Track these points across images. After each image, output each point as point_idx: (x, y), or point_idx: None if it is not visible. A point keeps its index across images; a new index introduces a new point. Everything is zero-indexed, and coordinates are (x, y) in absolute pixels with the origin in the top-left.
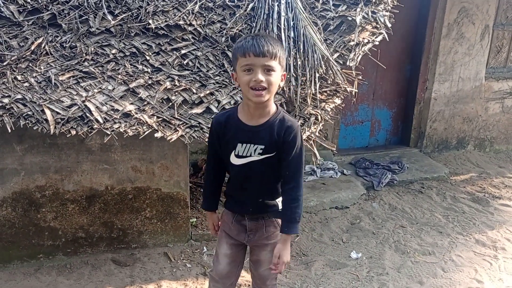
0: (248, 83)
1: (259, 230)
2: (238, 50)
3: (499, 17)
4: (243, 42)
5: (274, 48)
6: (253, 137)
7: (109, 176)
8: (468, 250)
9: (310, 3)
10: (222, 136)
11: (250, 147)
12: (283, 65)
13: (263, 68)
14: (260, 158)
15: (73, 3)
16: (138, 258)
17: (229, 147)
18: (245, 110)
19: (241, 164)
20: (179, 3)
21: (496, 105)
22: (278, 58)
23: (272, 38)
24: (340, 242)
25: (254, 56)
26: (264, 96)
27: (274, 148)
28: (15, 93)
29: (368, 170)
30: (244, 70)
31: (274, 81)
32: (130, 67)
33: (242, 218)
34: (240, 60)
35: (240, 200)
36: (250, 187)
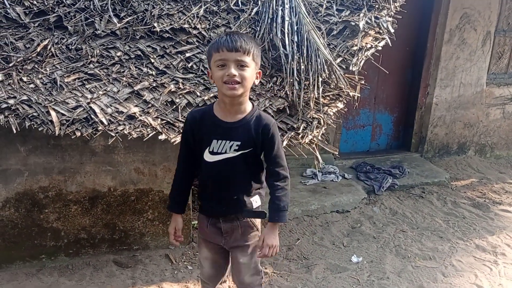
0: (221, 78)
1: (235, 232)
2: (212, 47)
3: (501, 23)
4: (218, 39)
5: (248, 44)
6: (229, 134)
7: (112, 177)
8: (468, 255)
9: (314, 8)
10: (196, 132)
11: (225, 144)
12: (258, 62)
13: (236, 63)
14: (235, 155)
15: (79, 6)
16: (139, 259)
17: (203, 144)
18: (221, 107)
19: (214, 161)
20: (184, 7)
21: (497, 111)
22: (252, 54)
23: (247, 36)
24: (341, 246)
25: (227, 51)
26: (237, 90)
27: (251, 144)
28: (21, 94)
29: (369, 174)
30: (218, 66)
31: (248, 76)
32: (135, 70)
33: (217, 220)
34: (214, 56)
35: (214, 200)
36: (224, 184)
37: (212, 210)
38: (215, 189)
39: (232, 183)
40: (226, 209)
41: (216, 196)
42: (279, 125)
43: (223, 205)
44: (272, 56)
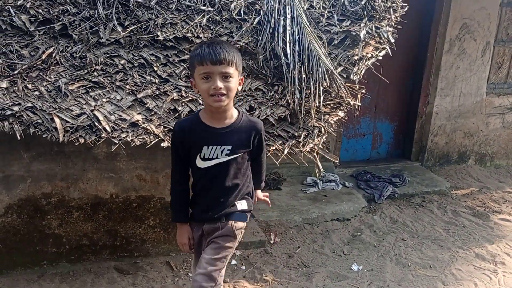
0: (207, 91)
1: (213, 231)
2: (195, 59)
3: (500, 34)
4: (199, 51)
5: (231, 55)
6: (220, 139)
7: (114, 184)
8: (468, 264)
9: (315, 17)
10: (186, 141)
11: (216, 149)
12: (240, 70)
13: (221, 75)
14: (227, 159)
15: (84, 15)
16: (140, 266)
17: (194, 151)
18: (208, 114)
19: (206, 167)
20: (187, 16)
21: (497, 120)
22: (235, 64)
23: (228, 45)
24: (341, 254)
25: (212, 64)
26: (223, 101)
27: (242, 147)
28: (25, 101)
29: (370, 182)
30: (203, 78)
31: (233, 87)
32: (138, 78)
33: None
34: (197, 68)
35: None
36: (215, 187)
37: (199, 216)
38: (204, 193)
39: (221, 187)
40: (210, 213)
41: (204, 201)
42: (280, 134)
43: (209, 209)
44: (273, 65)
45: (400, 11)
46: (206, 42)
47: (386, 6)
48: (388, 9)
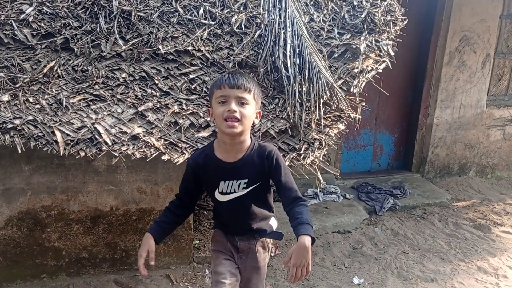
0: (222, 114)
1: (250, 252)
2: (214, 85)
3: (500, 46)
4: (220, 77)
5: (249, 83)
6: (235, 174)
7: (114, 197)
8: (470, 277)
9: (316, 31)
10: (202, 176)
11: (233, 184)
12: (258, 102)
13: (237, 99)
14: (245, 192)
15: (86, 28)
16: (140, 280)
17: (211, 186)
18: (222, 147)
19: (226, 201)
20: (189, 30)
21: (498, 132)
22: (253, 93)
23: (249, 76)
24: (342, 267)
25: (229, 88)
26: (237, 128)
27: (258, 178)
28: (27, 114)
29: (370, 194)
30: (219, 102)
31: (248, 114)
32: (139, 91)
33: (232, 238)
34: (215, 93)
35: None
36: (240, 218)
37: (228, 229)
38: (231, 223)
39: (246, 218)
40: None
41: (232, 225)
42: (281, 146)
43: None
44: (274, 78)
45: (400, 24)
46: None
47: (386, 20)
48: (388, 23)
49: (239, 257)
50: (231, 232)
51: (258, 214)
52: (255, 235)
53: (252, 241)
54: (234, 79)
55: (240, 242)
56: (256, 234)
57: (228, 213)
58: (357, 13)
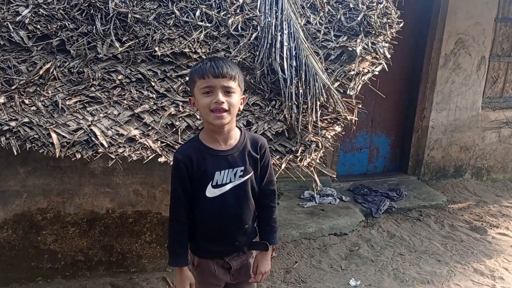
0: (208, 106)
1: (243, 267)
2: (196, 73)
3: (495, 48)
4: (201, 65)
5: (233, 70)
6: (230, 161)
7: (110, 199)
8: (467, 279)
9: (312, 33)
10: (194, 171)
11: (229, 173)
12: (242, 87)
13: (223, 89)
14: (242, 181)
15: (82, 30)
16: (136, 282)
17: (204, 180)
18: (211, 136)
19: (220, 194)
20: (185, 32)
21: (493, 135)
22: (237, 79)
23: (230, 61)
24: (339, 269)
25: (214, 77)
26: (225, 118)
27: (253, 166)
28: (22, 116)
29: (367, 197)
30: (204, 93)
31: (235, 103)
32: (135, 93)
33: (222, 261)
34: (198, 83)
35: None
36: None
37: (218, 251)
38: (224, 224)
39: (241, 212)
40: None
41: (225, 233)
42: (278, 148)
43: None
44: (271, 80)
45: (396, 27)
46: (207, 57)
47: (382, 22)
48: (384, 25)
49: (231, 275)
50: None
51: (252, 209)
52: (244, 248)
53: (243, 256)
54: (218, 67)
55: (232, 262)
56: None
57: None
58: (354, 15)
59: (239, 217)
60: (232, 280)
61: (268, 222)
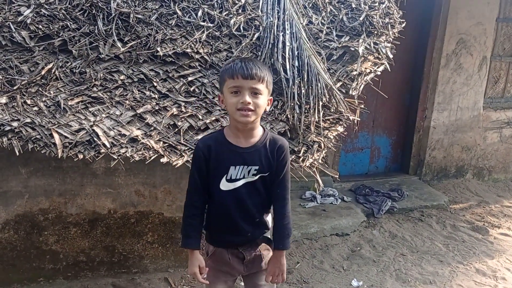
0: (235, 105)
1: (257, 259)
2: (226, 72)
3: (497, 48)
4: (232, 65)
5: (262, 72)
6: (247, 159)
7: (112, 200)
8: (469, 279)
9: (314, 33)
10: (212, 160)
11: (243, 169)
12: (270, 89)
13: (251, 90)
14: (254, 179)
15: (84, 30)
16: (138, 283)
17: (219, 172)
18: (234, 132)
19: (233, 189)
20: (187, 32)
21: (494, 135)
22: (266, 82)
23: (260, 63)
24: (341, 269)
25: (242, 78)
26: (250, 117)
27: (267, 167)
28: (24, 117)
29: (368, 197)
30: (232, 92)
31: (261, 104)
32: (137, 93)
33: (236, 250)
34: (227, 82)
35: (234, 229)
36: (247, 209)
37: (232, 241)
38: (236, 216)
39: (254, 207)
40: (250, 235)
41: (237, 224)
42: None
43: (246, 231)
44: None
45: (398, 27)
46: (239, 57)
47: (384, 22)
48: (386, 25)
49: (245, 265)
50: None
51: (263, 205)
52: (257, 240)
53: (256, 248)
54: (248, 68)
55: (245, 252)
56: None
57: (232, 204)
58: (356, 15)
59: (250, 211)
60: (246, 271)
61: (277, 228)
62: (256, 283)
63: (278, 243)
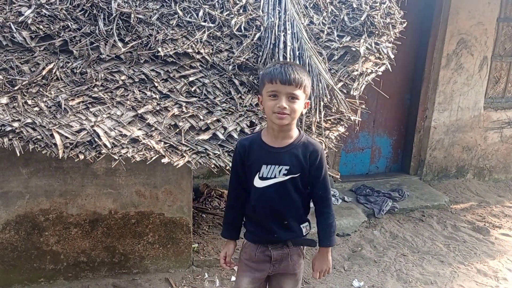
0: (272, 108)
1: (284, 260)
2: (266, 76)
3: (497, 48)
4: (272, 69)
5: (301, 78)
6: (278, 158)
7: (113, 200)
8: (470, 280)
9: (315, 34)
10: (246, 159)
11: (275, 168)
12: (307, 93)
13: (288, 95)
14: (284, 179)
15: (85, 30)
16: (139, 283)
17: (253, 170)
18: (270, 133)
19: (265, 186)
20: (188, 32)
21: (495, 135)
22: (303, 87)
23: (300, 67)
24: (342, 270)
25: (281, 84)
26: (286, 119)
27: (299, 169)
28: (25, 117)
29: (369, 197)
30: (270, 96)
31: (297, 109)
32: (138, 93)
33: (265, 248)
34: (266, 86)
35: (264, 227)
36: (275, 209)
37: (261, 237)
38: (265, 215)
39: (282, 208)
40: (277, 236)
41: (266, 223)
42: None
43: (273, 231)
44: None
45: (399, 27)
46: (280, 62)
47: (385, 22)
48: (387, 25)
49: (272, 265)
50: (264, 240)
51: (293, 208)
52: (288, 242)
53: (286, 249)
54: (287, 74)
55: (273, 251)
56: (289, 238)
57: (263, 203)
58: (357, 15)
59: (278, 212)
60: (272, 271)
61: (323, 227)
62: (281, 286)
63: (325, 240)
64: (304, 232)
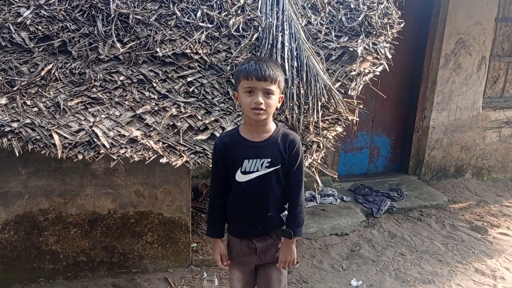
0: (249, 104)
1: (269, 250)
2: (241, 72)
3: (496, 48)
4: (247, 66)
5: (275, 73)
6: (259, 152)
7: (112, 200)
8: (468, 279)
9: (313, 34)
10: (227, 156)
11: (257, 162)
12: (281, 88)
13: (264, 91)
14: (267, 171)
15: (84, 31)
16: (138, 283)
17: (235, 165)
18: (247, 128)
19: (247, 180)
20: (186, 33)
21: (493, 134)
22: (278, 82)
23: (274, 63)
24: (340, 269)
25: (256, 80)
26: (262, 115)
27: (280, 160)
28: (24, 117)
29: (368, 197)
30: (246, 92)
31: (273, 104)
32: (137, 94)
33: (250, 241)
34: (242, 82)
35: (247, 220)
36: (257, 202)
37: (245, 231)
38: (248, 208)
39: (265, 200)
40: (260, 228)
41: (249, 216)
42: None
43: (257, 224)
44: None
45: (397, 27)
46: (254, 58)
47: (383, 23)
48: (385, 25)
49: (258, 256)
50: (247, 233)
51: (274, 199)
52: (271, 233)
53: (269, 240)
54: (262, 70)
55: (258, 243)
56: (271, 229)
57: (245, 197)
58: (354, 16)
59: (261, 204)
60: (258, 261)
61: (289, 217)
62: (269, 274)
63: (290, 230)
64: (285, 221)
